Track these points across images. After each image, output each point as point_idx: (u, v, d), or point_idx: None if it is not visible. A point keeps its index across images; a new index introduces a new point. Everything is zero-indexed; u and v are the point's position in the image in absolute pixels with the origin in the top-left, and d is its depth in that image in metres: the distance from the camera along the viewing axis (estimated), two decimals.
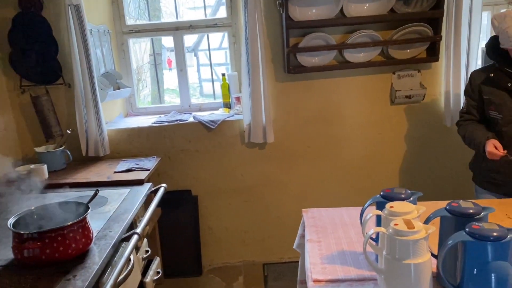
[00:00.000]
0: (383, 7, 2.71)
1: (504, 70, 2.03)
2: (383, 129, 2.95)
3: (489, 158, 1.99)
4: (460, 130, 2.24)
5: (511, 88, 2.01)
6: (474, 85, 2.17)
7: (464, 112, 2.23)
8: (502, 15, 1.97)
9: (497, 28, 1.98)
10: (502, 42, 1.98)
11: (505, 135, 2.06)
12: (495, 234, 1.08)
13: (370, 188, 3.02)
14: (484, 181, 2.21)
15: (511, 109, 2.03)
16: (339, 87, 2.90)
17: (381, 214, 1.28)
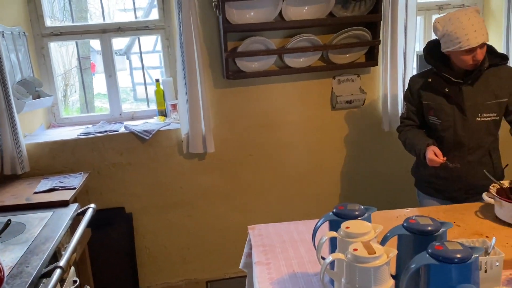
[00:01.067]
0: (322, 10, 2.65)
1: (441, 75, 2.03)
2: (325, 135, 2.90)
3: (430, 165, 1.97)
4: (400, 136, 2.22)
5: (448, 93, 2.01)
6: (413, 90, 2.15)
7: (404, 117, 2.21)
8: (446, 18, 1.95)
9: (441, 31, 1.96)
10: (446, 46, 1.96)
11: (444, 140, 2.06)
12: (459, 256, 1.00)
13: (314, 195, 2.97)
14: (426, 186, 2.21)
15: (450, 114, 2.03)
16: (280, 92, 2.81)
17: (337, 236, 1.17)
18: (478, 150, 2.03)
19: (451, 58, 1.99)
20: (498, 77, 1.99)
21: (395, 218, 1.81)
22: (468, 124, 2.00)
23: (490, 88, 1.98)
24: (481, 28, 1.88)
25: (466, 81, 1.99)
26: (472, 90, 1.99)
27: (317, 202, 2.97)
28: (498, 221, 1.69)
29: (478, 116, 1.99)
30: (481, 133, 2.01)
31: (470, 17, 1.88)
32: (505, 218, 1.67)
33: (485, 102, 1.98)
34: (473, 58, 1.91)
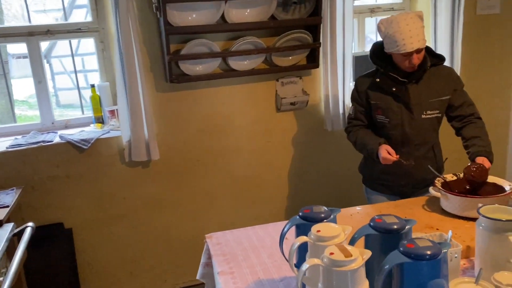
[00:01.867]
0: (263, 13, 2.66)
1: (388, 75, 2.09)
2: (271, 137, 2.90)
3: (383, 163, 2.03)
4: (350, 136, 2.26)
5: (396, 92, 2.08)
6: (361, 90, 2.19)
7: (352, 118, 2.25)
8: (389, 20, 2.01)
9: (384, 33, 2.02)
10: (388, 47, 2.03)
11: (392, 138, 2.13)
12: (429, 252, 1.03)
13: (264, 198, 2.96)
14: (375, 183, 2.28)
15: (397, 113, 2.10)
16: (226, 96, 2.77)
17: (309, 240, 1.15)
18: (423, 146, 2.13)
19: (394, 58, 2.07)
20: (439, 76, 2.09)
21: (349, 216, 1.84)
22: (415, 122, 2.09)
23: (433, 86, 2.08)
24: (418, 34, 1.95)
25: (411, 80, 2.07)
26: (417, 89, 2.07)
27: (268, 205, 2.97)
28: (445, 213, 1.79)
29: (423, 114, 2.08)
30: (426, 129, 2.11)
31: (408, 22, 1.95)
32: (451, 210, 1.76)
33: (429, 100, 2.07)
34: (409, 62, 1.99)
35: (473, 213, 1.64)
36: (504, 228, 1.22)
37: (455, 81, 2.12)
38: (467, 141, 2.01)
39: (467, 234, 1.57)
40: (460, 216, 1.72)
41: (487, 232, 1.25)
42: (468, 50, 3.10)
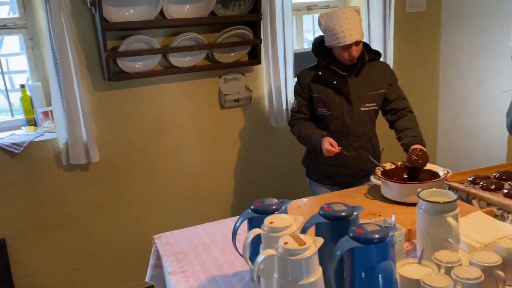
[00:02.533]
0: (203, 9, 2.63)
1: (330, 68, 2.16)
2: (216, 134, 2.89)
3: (326, 155, 2.09)
4: (294, 129, 2.29)
5: (337, 85, 2.15)
6: (303, 84, 2.24)
7: (295, 111, 2.29)
8: (328, 14, 2.08)
9: (324, 26, 2.09)
10: (328, 40, 2.10)
11: (333, 130, 2.20)
12: (377, 236, 1.07)
13: (212, 196, 2.94)
14: (318, 175, 2.34)
15: (338, 105, 2.17)
16: (168, 93, 2.71)
17: (262, 232, 1.16)
18: (362, 137, 2.22)
19: (333, 52, 2.14)
20: (376, 71, 2.19)
21: (297, 208, 1.88)
22: (354, 114, 2.17)
23: (370, 80, 2.17)
24: (357, 27, 2.04)
25: (350, 74, 2.15)
26: (356, 82, 2.16)
27: (216, 202, 2.96)
28: (386, 200, 1.87)
29: (362, 106, 2.17)
30: (364, 121, 2.20)
31: (347, 15, 2.04)
32: (392, 196, 1.85)
33: (367, 93, 2.17)
34: (349, 54, 2.07)
35: (412, 198, 1.74)
36: (442, 210, 1.29)
37: (391, 76, 2.23)
38: (400, 133, 2.12)
39: (408, 219, 1.65)
40: (400, 202, 1.81)
41: (427, 215, 1.33)
42: (399, 45, 3.27)
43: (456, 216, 1.30)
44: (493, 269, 1.18)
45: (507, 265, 1.22)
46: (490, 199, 1.69)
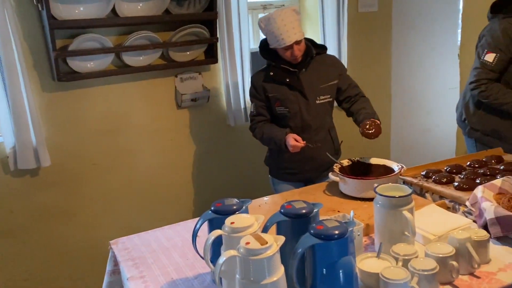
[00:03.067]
0: (157, 7, 2.57)
1: (280, 67, 2.19)
2: (174, 135, 2.83)
3: (292, 151, 2.10)
4: (256, 133, 2.29)
5: (290, 82, 2.19)
6: (258, 86, 2.26)
7: (254, 115, 2.29)
8: (266, 18, 2.11)
9: (264, 30, 2.13)
10: (271, 43, 2.14)
11: (294, 127, 2.23)
12: (337, 232, 1.09)
13: (170, 198, 2.88)
14: (281, 172, 2.36)
15: (294, 101, 2.21)
16: (122, 93, 2.63)
17: (223, 233, 1.14)
18: (321, 130, 2.27)
19: (279, 52, 2.17)
20: (325, 63, 2.26)
21: (258, 207, 1.87)
22: (311, 108, 2.21)
23: (321, 73, 2.23)
24: (293, 27, 2.07)
25: (301, 69, 2.19)
26: (308, 77, 2.21)
27: (175, 205, 2.90)
28: (344, 196, 1.91)
29: (317, 99, 2.22)
30: (321, 114, 2.25)
31: (283, 17, 2.07)
32: (349, 192, 1.89)
33: (320, 85, 2.22)
34: (291, 54, 2.12)
35: (370, 193, 1.78)
36: (398, 204, 1.33)
37: (339, 66, 2.31)
38: (355, 115, 2.17)
39: (365, 214, 1.69)
40: (358, 198, 1.85)
41: (383, 209, 1.36)
42: (353, 44, 3.34)
43: (412, 209, 1.33)
44: (447, 259, 1.22)
45: (459, 255, 1.27)
46: (442, 192, 1.76)
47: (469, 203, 1.58)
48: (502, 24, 2.25)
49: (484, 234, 1.32)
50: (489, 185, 1.60)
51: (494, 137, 2.39)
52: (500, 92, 2.24)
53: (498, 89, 2.25)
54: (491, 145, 2.36)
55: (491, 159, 2.02)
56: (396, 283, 1.12)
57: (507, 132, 2.35)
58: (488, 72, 2.26)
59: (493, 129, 2.38)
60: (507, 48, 2.22)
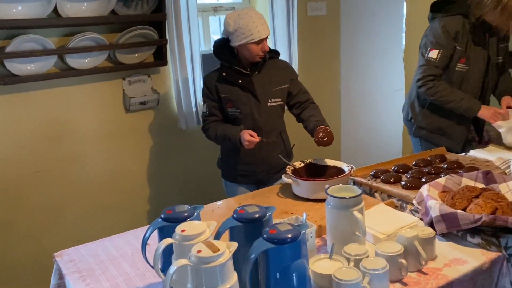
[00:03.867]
0: (103, 7, 2.48)
1: (233, 68, 2.20)
2: (122, 139, 2.74)
3: (248, 147, 2.11)
4: (209, 132, 2.27)
5: (242, 84, 2.20)
6: (211, 87, 2.24)
7: (207, 115, 2.27)
8: (236, 14, 2.12)
9: (234, 26, 2.11)
10: (239, 39, 2.12)
11: (245, 127, 2.22)
12: (290, 235, 1.08)
13: (120, 205, 2.79)
14: (234, 174, 2.34)
15: (246, 103, 2.21)
16: (66, 97, 2.52)
17: (174, 242, 1.11)
18: (273, 132, 2.29)
19: (241, 51, 2.17)
20: (277, 68, 2.29)
21: (211, 212, 1.84)
22: (262, 110, 2.23)
23: (273, 77, 2.25)
24: (264, 23, 2.14)
25: (253, 72, 2.22)
26: (260, 79, 2.23)
27: (126, 212, 2.80)
28: (297, 198, 1.91)
29: (268, 102, 2.24)
30: (273, 116, 2.27)
31: (256, 13, 2.14)
32: (302, 194, 1.90)
33: (272, 88, 2.24)
34: (261, 48, 2.15)
35: (321, 194, 1.79)
36: (348, 204, 1.34)
37: (291, 71, 2.35)
38: (305, 122, 2.22)
39: (318, 215, 1.70)
40: (311, 199, 1.87)
41: (335, 210, 1.37)
42: (303, 48, 3.39)
43: (362, 209, 1.36)
44: (396, 257, 1.25)
45: (408, 253, 1.31)
46: (390, 191, 1.81)
47: (415, 202, 1.64)
48: (442, 22, 2.36)
49: (430, 231, 1.37)
50: (434, 183, 1.66)
51: (439, 134, 2.50)
52: (447, 90, 2.35)
53: (445, 87, 2.36)
54: (437, 142, 2.48)
55: (435, 158, 2.11)
56: (348, 283, 1.13)
57: (450, 129, 2.47)
58: (433, 68, 2.36)
59: (438, 127, 2.49)
60: (448, 44, 2.34)
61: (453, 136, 2.46)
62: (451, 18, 2.35)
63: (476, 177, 1.70)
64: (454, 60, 2.35)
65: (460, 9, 2.33)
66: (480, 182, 1.69)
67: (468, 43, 2.33)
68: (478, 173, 1.71)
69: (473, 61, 2.35)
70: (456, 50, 2.34)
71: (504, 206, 1.46)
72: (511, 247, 1.38)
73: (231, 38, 2.15)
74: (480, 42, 2.34)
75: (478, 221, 1.38)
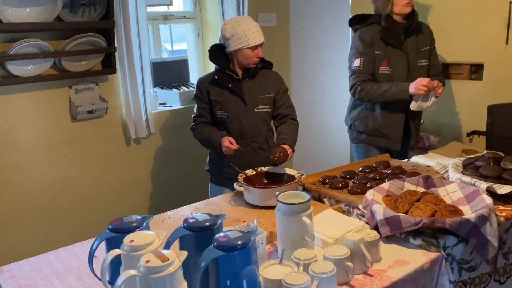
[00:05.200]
0: (48, 14, 2.40)
1: (226, 73, 2.29)
2: (69, 150, 2.65)
3: (225, 153, 2.21)
4: (196, 133, 2.36)
5: (232, 88, 2.29)
6: (202, 88, 2.33)
7: (196, 116, 2.36)
8: (233, 21, 2.24)
9: (231, 32, 2.21)
10: (234, 45, 2.22)
11: (232, 131, 2.31)
12: (240, 242, 1.09)
13: (67, 218, 2.69)
14: (220, 177, 2.40)
15: (234, 107, 2.30)
16: (8, 106, 2.41)
17: (122, 253, 1.09)
18: (259, 137, 2.36)
19: (236, 57, 2.27)
20: (268, 77, 2.39)
21: (161, 222, 1.82)
22: (249, 115, 2.31)
23: (263, 85, 2.35)
24: (260, 30, 2.26)
25: (244, 78, 2.30)
26: (250, 86, 2.32)
27: (73, 224, 2.70)
28: (249, 206, 1.93)
29: (256, 108, 2.33)
30: (259, 122, 2.35)
31: (252, 21, 2.26)
32: (254, 201, 1.91)
33: (260, 95, 2.33)
34: (256, 54, 2.25)
35: (273, 201, 1.82)
36: (297, 210, 1.38)
37: (280, 83, 2.43)
38: (277, 139, 2.32)
39: (269, 221, 1.73)
40: (262, 206, 1.89)
41: (285, 216, 1.40)
42: None
43: (310, 215, 1.39)
44: (343, 261, 1.30)
45: (354, 256, 1.35)
46: (338, 197, 1.87)
47: (361, 206, 1.70)
48: (358, 33, 2.59)
49: (375, 234, 1.43)
50: (378, 188, 1.73)
51: (377, 136, 2.65)
52: (374, 86, 2.53)
53: (372, 84, 2.54)
54: (377, 144, 2.65)
55: (380, 165, 2.20)
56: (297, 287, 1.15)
57: (385, 129, 2.62)
58: (359, 75, 2.55)
59: (374, 129, 2.64)
60: (367, 51, 2.53)
61: (389, 136, 2.62)
62: (366, 28, 2.57)
63: (417, 181, 1.79)
64: (377, 64, 2.54)
65: (374, 18, 2.56)
66: (421, 187, 1.78)
67: (386, 47, 2.52)
68: (419, 177, 1.81)
69: (394, 63, 2.54)
70: (376, 55, 2.52)
71: (442, 209, 1.55)
72: (449, 247, 1.46)
73: (227, 43, 2.25)
74: (397, 45, 2.52)
75: (419, 224, 1.46)
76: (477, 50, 2.76)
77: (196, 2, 3.46)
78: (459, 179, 1.79)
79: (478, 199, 1.60)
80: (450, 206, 1.58)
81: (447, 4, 2.81)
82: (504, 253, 1.65)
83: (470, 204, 1.62)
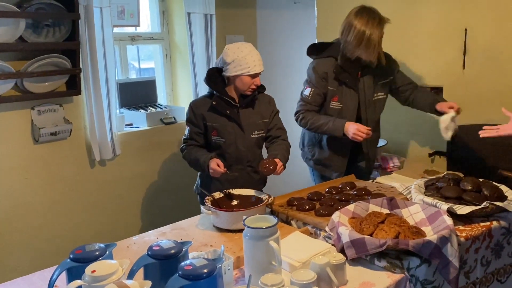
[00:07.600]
0: (10, 34, 2.35)
1: (223, 99, 2.28)
2: (30, 173, 2.56)
3: (212, 175, 2.21)
4: (185, 155, 2.34)
5: (229, 114, 2.28)
6: (197, 113, 2.31)
7: (187, 138, 2.35)
8: (235, 47, 2.23)
9: (232, 57, 2.20)
10: (234, 70, 2.21)
11: (228, 157, 2.30)
12: (206, 271, 1.09)
13: (24, 245, 2.58)
14: None
15: (231, 133, 2.30)
16: None
17: (83, 284, 1.05)
18: (254, 161, 2.37)
19: (234, 82, 2.26)
20: (262, 102, 2.40)
21: (126, 248, 1.77)
22: (246, 140, 2.33)
23: (258, 110, 2.37)
24: (260, 59, 2.27)
25: (241, 105, 2.31)
26: (247, 112, 2.33)
27: (31, 252, 2.58)
28: (217, 229, 1.91)
29: (252, 133, 2.34)
30: (254, 147, 2.37)
31: (254, 49, 2.26)
32: (221, 225, 1.90)
33: (257, 121, 2.35)
34: (254, 82, 2.26)
35: (240, 225, 1.80)
36: (265, 235, 1.38)
37: (273, 106, 2.45)
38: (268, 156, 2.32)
39: (237, 246, 1.71)
40: (230, 230, 1.88)
41: (252, 241, 1.39)
42: None
43: (277, 239, 1.40)
44: (309, 285, 1.30)
45: (321, 279, 1.36)
46: (305, 219, 1.88)
47: (328, 228, 1.72)
48: (313, 64, 2.55)
49: (341, 257, 1.44)
50: (344, 210, 1.76)
51: (321, 165, 2.65)
52: (315, 117, 2.50)
53: (313, 115, 2.51)
54: (322, 173, 2.65)
55: (346, 186, 2.23)
56: None
57: (329, 160, 2.60)
58: (306, 104, 2.54)
59: (318, 159, 2.65)
60: (318, 83, 2.50)
61: (332, 168, 2.60)
62: (322, 60, 2.51)
63: (382, 203, 1.83)
64: (328, 98, 2.50)
65: (331, 52, 2.49)
66: (385, 208, 1.82)
67: (340, 85, 2.47)
68: (383, 199, 1.85)
69: (345, 100, 2.49)
70: (328, 90, 2.49)
71: (405, 230, 1.59)
72: (412, 268, 1.49)
73: (226, 67, 2.24)
74: (350, 85, 2.46)
75: (383, 246, 1.48)
76: (436, 74, 2.87)
77: (164, 23, 3.47)
78: (421, 200, 1.85)
79: (440, 220, 1.65)
80: (413, 228, 1.62)
81: (406, 30, 2.92)
82: (465, 272, 1.70)
83: (432, 225, 1.67)
